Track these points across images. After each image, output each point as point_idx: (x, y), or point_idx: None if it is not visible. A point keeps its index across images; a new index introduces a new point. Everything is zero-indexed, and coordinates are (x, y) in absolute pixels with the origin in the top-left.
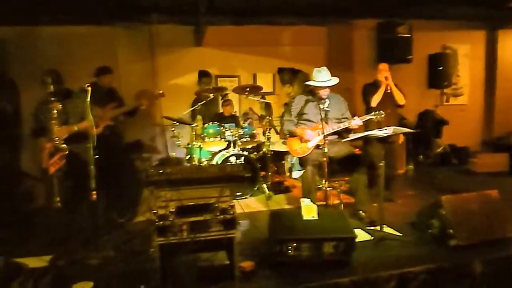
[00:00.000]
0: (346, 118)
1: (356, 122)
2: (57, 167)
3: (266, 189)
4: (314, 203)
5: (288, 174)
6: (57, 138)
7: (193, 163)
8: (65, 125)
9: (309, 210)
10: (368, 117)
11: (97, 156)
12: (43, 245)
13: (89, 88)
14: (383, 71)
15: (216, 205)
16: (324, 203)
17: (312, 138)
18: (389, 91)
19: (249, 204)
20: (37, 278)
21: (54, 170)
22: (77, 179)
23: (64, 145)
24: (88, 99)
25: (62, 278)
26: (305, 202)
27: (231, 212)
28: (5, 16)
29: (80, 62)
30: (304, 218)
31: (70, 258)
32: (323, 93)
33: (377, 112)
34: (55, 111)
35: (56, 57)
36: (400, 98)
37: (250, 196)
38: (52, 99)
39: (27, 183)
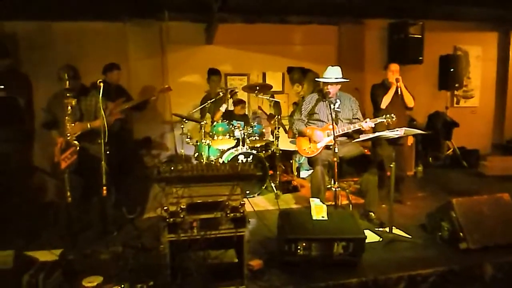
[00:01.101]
0: (357, 119)
1: (368, 124)
2: (69, 162)
3: (274, 188)
4: (323, 203)
5: (296, 173)
6: (69, 135)
7: (202, 160)
8: (79, 122)
9: (318, 210)
10: (379, 120)
11: (108, 152)
12: (53, 239)
13: (101, 84)
14: (395, 72)
15: (227, 203)
16: (333, 203)
17: (321, 139)
18: (399, 93)
19: (257, 203)
20: (47, 272)
21: (65, 165)
22: (88, 175)
23: (76, 142)
24: (101, 95)
25: (72, 272)
26: (315, 202)
27: (242, 211)
28: (18, 11)
29: (91, 58)
30: (314, 218)
31: (80, 252)
32: (330, 90)
33: (388, 115)
34: (69, 107)
35: (67, 52)
36: (409, 101)
37: (258, 195)
38: (68, 94)
39: (38, 177)
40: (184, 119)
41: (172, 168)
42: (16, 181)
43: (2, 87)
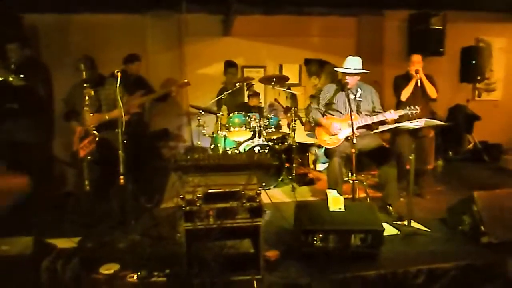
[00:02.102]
0: (378, 111)
1: (392, 116)
2: (87, 151)
3: (290, 181)
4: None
5: (312, 166)
6: (88, 125)
7: (217, 152)
8: (97, 112)
9: (336, 202)
10: (403, 112)
11: (126, 142)
12: (72, 227)
13: (119, 74)
14: (416, 63)
15: (243, 192)
16: (351, 196)
17: (337, 132)
18: (419, 85)
19: (273, 195)
20: (66, 259)
21: (84, 154)
22: (106, 164)
23: (95, 132)
24: (118, 85)
25: (90, 259)
26: (332, 193)
27: (258, 200)
28: (38, 4)
29: (109, 49)
30: (331, 209)
31: (98, 240)
32: (348, 80)
33: (413, 107)
34: (87, 98)
35: (86, 44)
36: (432, 92)
37: (274, 187)
38: (85, 85)
39: (58, 167)
40: (201, 111)
41: (189, 156)
42: (37, 170)
43: (22, 76)
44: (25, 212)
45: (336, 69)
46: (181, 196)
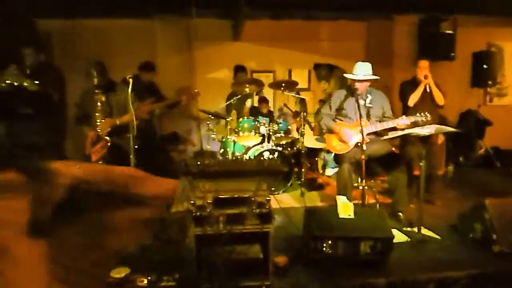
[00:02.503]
0: (388, 117)
1: (404, 121)
2: (99, 155)
3: (300, 186)
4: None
5: (321, 171)
6: (100, 130)
7: (227, 156)
8: (108, 117)
9: (345, 208)
10: (414, 118)
11: (137, 147)
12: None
13: (131, 80)
14: (423, 69)
15: (253, 198)
16: (360, 202)
17: (349, 138)
18: (428, 90)
19: (282, 200)
20: None
21: (96, 158)
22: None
23: (107, 137)
24: (130, 91)
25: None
26: (342, 200)
27: (267, 206)
28: (51, 10)
29: (120, 54)
30: (340, 216)
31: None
32: (357, 86)
33: (423, 113)
34: (99, 104)
35: (97, 49)
36: (439, 98)
37: (283, 192)
38: (96, 91)
39: None
40: (211, 116)
41: (199, 162)
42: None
43: (37, 82)
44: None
45: (345, 75)
46: (191, 201)
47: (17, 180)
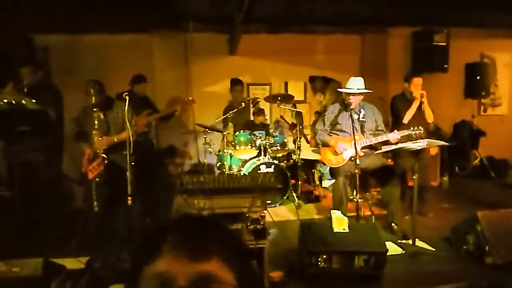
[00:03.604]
0: (381, 130)
1: (395, 136)
2: (96, 173)
3: (296, 198)
4: (345, 215)
5: (318, 183)
6: (97, 148)
7: (224, 170)
8: (106, 135)
9: (340, 222)
10: (407, 132)
11: (133, 163)
12: (80, 246)
13: (127, 97)
14: (418, 86)
15: (247, 215)
16: (355, 214)
17: (344, 151)
18: (422, 108)
19: (278, 213)
20: (74, 280)
21: (92, 176)
22: (114, 185)
23: (103, 155)
24: (126, 108)
25: (98, 280)
26: (336, 214)
27: (262, 223)
28: (49, 25)
29: (118, 69)
30: (335, 230)
31: (106, 260)
32: (351, 100)
33: (416, 128)
34: (96, 122)
35: (95, 64)
36: (430, 116)
37: (280, 204)
38: (95, 109)
39: (67, 185)
40: (207, 129)
41: (194, 180)
42: (46, 189)
43: (34, 101)
44: (34, 230)
45: (339, 89)
46: None
47: None
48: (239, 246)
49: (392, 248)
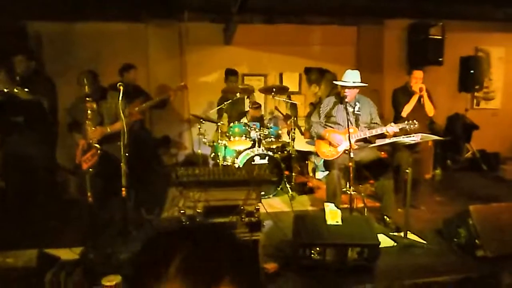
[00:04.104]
0: (376, 123)
1: (392, 128)
2: (90, 164)
3: (289, 190)
4: (339, 207)
5: (312, 174)
6: (91, 139)
7: (218, 161)
8: (99, 125)
9: (333, 215)
10: (402, 125)
11: (128, 154)
12: (75, 237)
13: (121, 87)
14: (418, 80)
15: (242, 207)
16: (348, 206)
17: (340, 143)
18: (422, 102)
19: (272, 204)
20: (69, 270)
21: (86, 167)
22: (109, 176)
23: (97, 145)
24: (120, 98)
25: (92, 271)
26: (329, 207)
27: (257, 215)
28: (42, 12)
29: (112, 58)
30: (328, 222)
31: (100, 251)
32: (347, 94)
33: (411, 121)
34: (89, 112)
35: (88, 53)
36: (430, 110)
37: (274, 196)
38: (88, 99)
39: (61, 175)
40: (202, 120)
41: (189, 172)
42: (41, 180)
43: (27, 90)
44: (29, 220)
45: (335, 82)
46: (182, 211)
47: None
48: (251, 265)
49: (384, 241)
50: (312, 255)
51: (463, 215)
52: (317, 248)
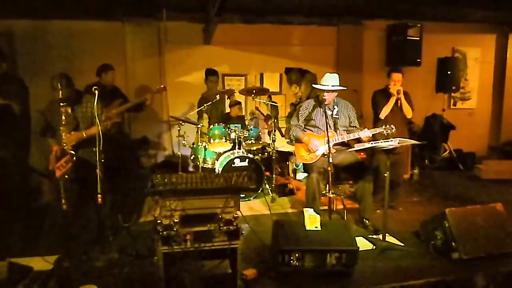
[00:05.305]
0: (355, 126)
1: (366, 134)
2: (64, 171)
3: (270, 192)
4: (318, 210)
5: (292, 175)
6: (65, 144)
7: (198, 163)
8: (75, 130)
9: (312, 220)
10: (378, 130)
11: (103, 160)
12: (49, 245)
13: (97, 91)
14: (397, 82)
15: (220, 216)
16: (328, 208)
17: (317, 148)
18: (399, 104)
19: (252, 207)
20: (42, 281)
21: (60, 173)
22: (84, 183)
23: (72, 151)
24: (96, 103)
25: (67, 280)
26: (309, 212)
27: (235, 224)
28: (14, 9)
29: (88, 57)
30: (307, 228)
31: (75, 259)
32: (326, 97)
33: (388, 126)
34: (64, 117)
35: (64, 52)
36: (408, 112)
37: (254, 198)
38: (62, 104)
39: (35, 179)
40: (181, 122)
41: (166, 180)
42: (13, 184)
43: None
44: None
45: (314, 86)
46: (158, 220)
47: None
48: None
49: (363, 244)
50: (291, 261)
51: (439, 218)
52: (296, 254)
